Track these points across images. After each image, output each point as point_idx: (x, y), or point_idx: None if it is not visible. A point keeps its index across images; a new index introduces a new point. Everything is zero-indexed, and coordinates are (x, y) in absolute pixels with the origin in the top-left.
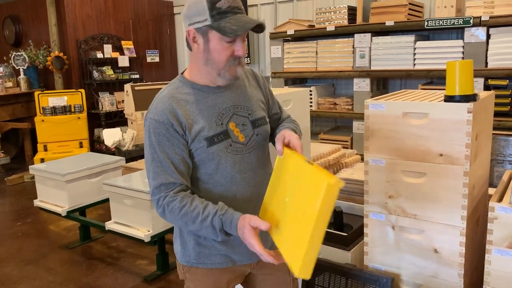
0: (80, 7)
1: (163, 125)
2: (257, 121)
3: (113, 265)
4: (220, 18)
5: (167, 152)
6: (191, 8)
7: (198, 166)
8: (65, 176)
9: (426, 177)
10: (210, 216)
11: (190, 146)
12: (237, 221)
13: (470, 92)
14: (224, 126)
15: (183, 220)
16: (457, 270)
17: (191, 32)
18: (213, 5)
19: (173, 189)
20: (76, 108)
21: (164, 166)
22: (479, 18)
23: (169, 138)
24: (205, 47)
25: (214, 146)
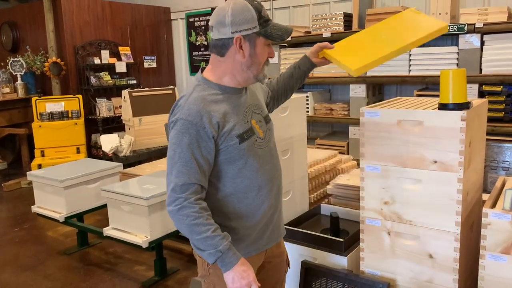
0: (78, 14)
1: (195, 126)
2: (267, 117)
3: (111, 271)
4: (266, 25)
5: (195, 153)
6: (238, 16)
7: (227, 163)
8: (63, 182)
9: (421, 183)
10: (218, 237)
11: (220, 146)
12: (239, 257)
13: (464, 100)
14: (249, 124)
15: (191, 228)
16: (452, 275)
17: (238, 39)
18: (259, 13)
19: (193, 192)
20: (73, 114)
21: (189, 166)
22: (473, 25)
23: (198, 139)
24: (251, 52)
25: (244, 142)
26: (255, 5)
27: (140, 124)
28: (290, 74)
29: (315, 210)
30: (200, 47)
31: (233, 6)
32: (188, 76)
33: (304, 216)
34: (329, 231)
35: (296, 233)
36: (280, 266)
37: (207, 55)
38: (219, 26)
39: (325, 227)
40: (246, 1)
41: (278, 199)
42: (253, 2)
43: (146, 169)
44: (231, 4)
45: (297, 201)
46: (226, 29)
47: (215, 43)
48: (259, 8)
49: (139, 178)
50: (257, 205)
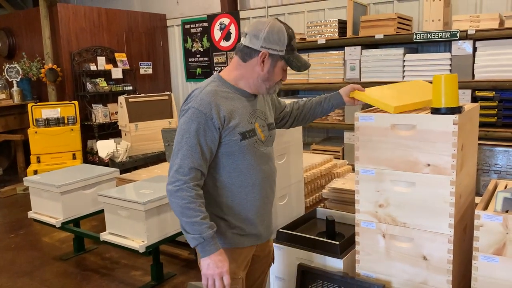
0: (74, 20)
1: (204, 116)
2: (270, 125)
3: (107, 276)
4: (291, 53)
5: (200, 140)
6: (272, 36)
7: (227, 156)
8: (60, 188)
9: (415, 186)
10: (205, 225)
11: (223, 139)
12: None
13: (456, 104)
14: (253, 125)
15: (183, 210)
16: (446, 277)
17: (264, 54)
18: (290, 41)
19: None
20: (69, 120)
21: (194, 151)
22: (466, 31)
23: (205, 128)
24: (269, 69)
25: (245, 140)
26: (290, 33)
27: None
28: (319, 103)
29: (311, 214)
30: (196, 53)
31: (272, 24)
32: (184, 82)
33: (300, 220)
34: (325, 234)
35: (292, 237)
36: (266, 260)
37: (203, 61)
38: (252, 36)
39: (321, 230)
40: (284, 26)
41: (271, 199)
42: (289, 30)
43: (142, 175)
44: (271, 22)
45: (293, 205)
46: (257, 41)
47: (242, 48)
48: (292, 37)
49: (136, 183)
50: (249, 201)
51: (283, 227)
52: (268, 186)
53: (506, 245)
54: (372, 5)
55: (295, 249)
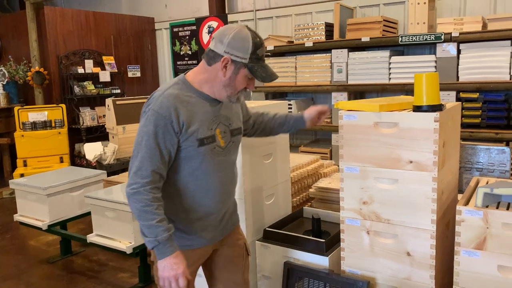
0: (61, 23)
1: (164, 119)
2: (234, 131)
3: (94, 278)
4: (255, 62)
5: (159, 143)
6: (236, 42)
7: (184, 160)
8: (46, 190)
9: (398, 183)
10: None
11: (181, 143)
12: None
13: (437, 102)
14: (213, 131)
15: (140, 213)
16: (429, 272)
17: (226, 59)
18: (255, 50)
19: (151, 181)
20: (56, 123)
21: (153, 154)
22: (450, 34)
23: (164, 132)
24: (231, 76)
25: (203, 147)
26: (256, 41)
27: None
28: (281, 124)
29: (297, 213)
30: (184, 56)
31: (237, 31)
32: None
33: (287, 218)
34: (311, 232)
35: (279, 235)
36: (233, 252)
37: (192, 65)
38: (218, 40)
39: (308, 229)
40: (251, 34)
41: (227, 204)
42: (256, 39)
43: None
44: (237, 29)
45: (280, 204)
46: (221, 46)
47: (208, 52)
48: (258, 46)
49: (123, 184)
50: (203, 205)
51: (269, 226)
52: (224, 192)
53: (486, 240)
54: (359, 9)
55: (282, 247)
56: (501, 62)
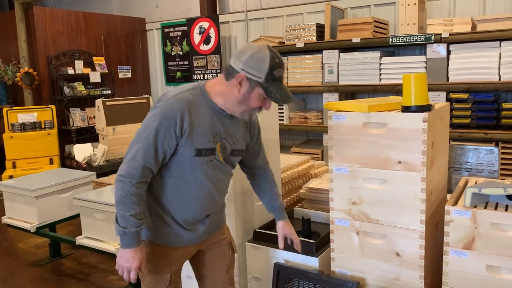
0: (51, 24)
1: (169, 120)
2: (235, 151)
3: (84, 281)
4: (271, 83)
5: (158, 141)
6: (253, 60)
7: (178, 164)
8: (34, 192)
9: (387, 183)
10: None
11: (179, 148)
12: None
13: (425, 102)
14: (214, 145)
15: (118, 201)
16: (418, 272)
17: (241, 76)
18: (271, 70)
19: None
20: (46, 124)
21: (149, 149)
22: (440, 35)
23: (166, 132)
24: (246, 93)
25: (199, 157)
26: (274, 62)
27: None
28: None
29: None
30: (175, 57)
31: (256, 50)
32: (163, 86)
33: None
34: (301, 233)
35: (268, 236)
36: (219, 251)
37: (183, 65)
38: (237, 58)
39: (298, 230)
40: (270, 54)
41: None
42: (275, 60)
43: None
44: (257, 48)
45: None
46: (239, 63)
47: (227, 67)
48: (275, 67)
49: (112, 186)
50: (188, 209)
51: (259, 227)
52: (212, 201)
53: (475, 240)
54: (349, 10)
55: (272, 248)
56: (490, 63)
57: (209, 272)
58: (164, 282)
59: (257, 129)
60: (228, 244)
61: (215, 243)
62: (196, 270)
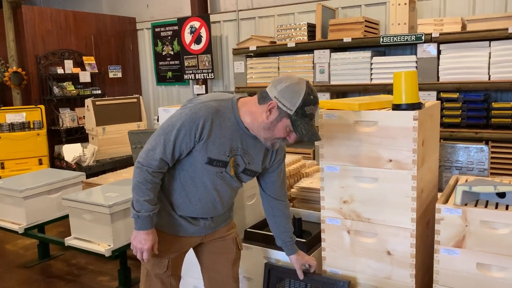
0: (40, 23)
1: (192, 123)
2: (247, 171)
3: (73, 282)
4: (300, 117)
5: (177, 141)
6: (288, 91)
7: (189, 165)
8: (22, 192)
9: (377, 182)
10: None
11: (194, 151)
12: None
13: (416, 100)
14: (228, 158)
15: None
16: (409, 271)
17: (273, 104)
18: (303, 106)
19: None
20: (35, 125)
21: (168, 145)
22: (430, 34)
23: (186, 133)
24: (273, 121)
25: (210, 166)
26: (308, 98)
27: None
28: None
29: None
30: (166, 57)
31: (293, 82)
32: (154, 86)
33: None
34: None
35: (260, 236)
36: (222, 245)
37: (173, 65)
38: (273, 85)
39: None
40: (307, 90)
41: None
42: (309, 96)
43: (109, 179)
44: (296, 80)
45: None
46: (274, 91)
47: (262, 92)
48: (308, 103)
49: (102, 186)
50: (190, 207)
51: (251, 226)
52: (213, 208)
53: (465, 238)
54: (340, 9)
55: (263, 248)
56: (480, 63)
57: (211, 265)
58: (162, 267)
59: (280, 158)
60: (233, 239)
61: (219, 237)
62: (199, 260)
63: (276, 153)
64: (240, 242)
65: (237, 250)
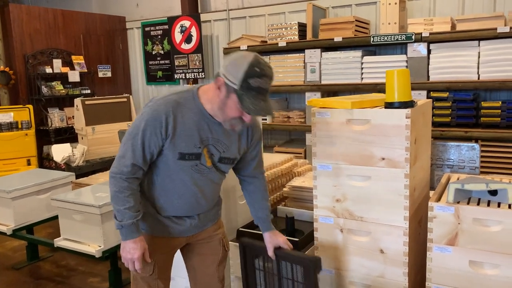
0: (28, 21)
1: (154, 121)
2: (224, 159)
3: (63, 284)
4: (246, 92)
5: (145, 141)
6: (232, 66)
7: (164, 164)
8: (10, 193)
9: (370, 180)
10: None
11: (164, 150)
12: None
13: (408, 98)
14: (200, 150)
15: (113, 196)
16: (402, 269)
17: (220, 80)
18: (246, 78)
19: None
20: (23, 125)
21: (137, 149)
22: (420, 34)
23: (152, 133)
24: (223, 99)
25: (183, 161)
26: (251, 70)
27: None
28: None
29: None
30: (156, 56)
31: (238, 57)
32: (144, 86)
33: None
34: (285, 232)
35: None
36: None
37: (164, 64)
38: (223, 63)
39: (282, 228)
40: (250, 62)
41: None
42: (253, 68)
43: (99, 179)
44: (243, 54)
45: None
46: (222, 68)
47: (216, 72)
48: (251, 75)
49: (92, 186)
50: (173, 206)
51: (243, 226)
52: (196, 204)
53: (458, 235)
54: (331, 9)
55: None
56: (470, 62)
57: (198, 265)
58: (147, 270)
59: (256, 138)
60: (219, 240)
61: (206, 238)
62: (187, 262)
63: (252, 134)
64: (227, 242)
65: (223, 251)
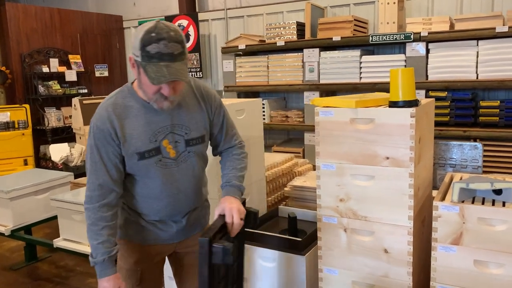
0: (24, 21)
1: (102, 131)
2: (192, 140)
3: (61, 284)
4: (148, 61)
5: (102, 155)
6: (134, 38)
7: (131, 171)
8: (9, 193)
9: (374, 179)
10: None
11: (124, 154)
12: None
13: (413, 97)
14: (158, 143)
15: (87, 229)
16: (406, 269)
17: (130, 58)
18: (143, 46)
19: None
20: (20, 124)
21: (97, 167)
22: (419, 33)
23: (105, 144)
24: (138, 77)
25: (144, 160)
26: (146, 37)
27: None
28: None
29: (273, 212)
30: None
31: (139, 28)
32: None
33: (262, 218)
34: (287, 232)
35: (254, 235)
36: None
37: None
38: None
39: (283, 228)
40: (148, 29)
41: (186, 209)
42: (149, 34)
43: None
44: (142, 25)
45: (255, 203)
46: None
47: None
48: (147, 42)
49: None
50: (154, 210)
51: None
52: (179, 200)
53: (462, 235)
54: (329, 8)
55: (258, 247)
56: (468, 61)
57: (186, 278)
58: (134, 279)
59: (215, 105)
60: None
61: (194, 246)
62: (174, 273)
63: (205, 102)
64: None
65: None
